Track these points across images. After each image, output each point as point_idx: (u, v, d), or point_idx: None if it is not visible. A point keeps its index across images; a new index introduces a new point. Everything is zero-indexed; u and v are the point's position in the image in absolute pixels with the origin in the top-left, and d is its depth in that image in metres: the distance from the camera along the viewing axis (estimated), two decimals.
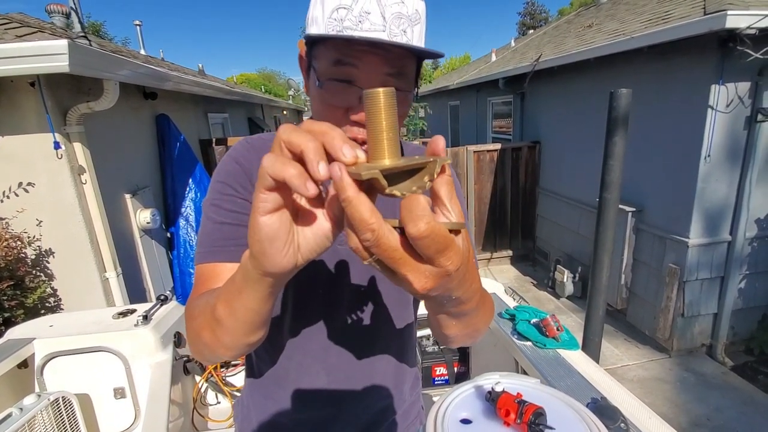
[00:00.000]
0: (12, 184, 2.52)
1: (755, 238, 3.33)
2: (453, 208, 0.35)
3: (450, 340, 0.57)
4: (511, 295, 1.94)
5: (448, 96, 9.81)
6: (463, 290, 0.38)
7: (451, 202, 0.35)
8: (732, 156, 3.15)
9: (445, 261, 0.32)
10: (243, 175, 0.65)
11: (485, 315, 0.54)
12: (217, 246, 0.61)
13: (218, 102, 6.15)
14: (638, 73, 3.70)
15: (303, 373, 0.72)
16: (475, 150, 5.47)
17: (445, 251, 0.31)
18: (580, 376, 1.23)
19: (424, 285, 0.33)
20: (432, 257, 0.31)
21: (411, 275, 0.32)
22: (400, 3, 0.55)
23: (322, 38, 0.56)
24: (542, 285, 5.26)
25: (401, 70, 0.57)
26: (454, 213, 0.35)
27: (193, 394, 1.89)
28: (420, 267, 0.32)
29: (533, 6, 34.16)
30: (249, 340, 0.48)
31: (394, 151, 0.34)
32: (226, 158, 0.69)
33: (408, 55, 0.57)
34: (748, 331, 3.53)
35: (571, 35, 5.86)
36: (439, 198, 0.35)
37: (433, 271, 0.32)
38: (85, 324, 1.69)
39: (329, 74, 0.56)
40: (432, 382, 2.04)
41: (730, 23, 2.59)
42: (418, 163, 0.33)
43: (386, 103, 0.33)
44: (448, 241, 0.31)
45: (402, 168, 0.33)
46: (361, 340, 0.73)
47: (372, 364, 0.74)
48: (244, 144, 0.70)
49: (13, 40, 2.28)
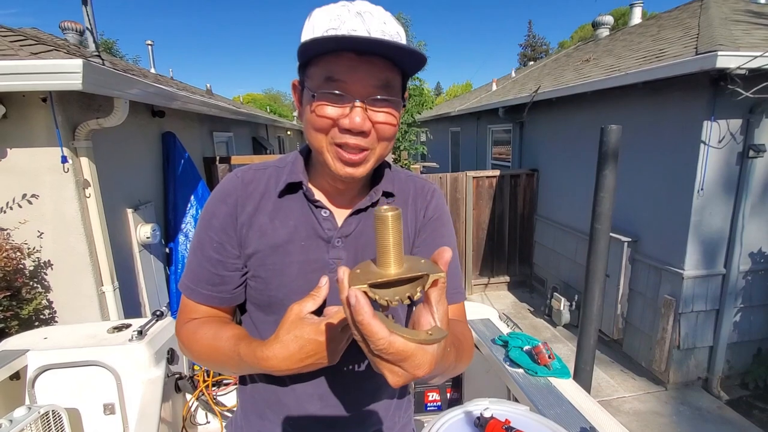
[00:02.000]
0: (16, 196, 2.55)
1: (749, 271, 3.35)
2: (438, 312, 0.41)
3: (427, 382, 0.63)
4: (505, 321, 1.95)
5: (450, 122, 10.00)
6: (437, 378, 0.49)
7: (438, 305, 0.41)
8: (725, 190, 3.22)
9: (409, 368, 0.39)
10: (228, 218, 0.71)
11: (461, 364, 0.61)
12: (200, 287, 0.73)
13: (224, 121, 6.27)
14: (633, 107, 3.81)
15: (297, 398, 0.74)
16: (475, 176, 5.55)
17: (406, 361, 0.38)
18: (570, 405, 1.23)
19: (395, 381, 0.40)
20: (395, 364, 0.39)
21: (385, 372, 0.40)
22: (383, 23, 0.60)
23: (313, 54, 0.60)
24: (539, 312, 5.24)
25: (387, 82, 0.61)
26: (439, 317, 0.41)
27: (183, 412, 1.87)
28: (393, 368, 0.39)
29: (534, 38, 35.19)
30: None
31: (399, 261, 0.41)
32: (217, 196, 0.73)
33: (392, 68, 0.61)
34: (744, 364, 3.51)
35: (569, 68, 6.03)
36: (429, 300, 0.41)
37: (404, 374, 0.39)
38: (80, 337, 1.69)
39: (321, 91, 0.60)
40: (424, 408, 2.02)
41: (721, 63, 2.70)
42: (414, 276, 0.40)
43: (394, 223, 0.40)
44: (406, 354, 0.38)
45: (399, 279, 0.40)
46: (354, 366, 0.74)
47: (365, 390, 0.76)
48: (234, 180, 0.74)
49: (29, 57, 2.37)
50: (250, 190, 0.72)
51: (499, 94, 7.60)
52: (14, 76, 2.20)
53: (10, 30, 3.03)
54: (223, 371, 0.54)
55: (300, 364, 0.56)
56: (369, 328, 0.36)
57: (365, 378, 0.75)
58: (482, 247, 5.83)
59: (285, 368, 0.56)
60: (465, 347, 0.61)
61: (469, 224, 5.66)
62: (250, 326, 0.76)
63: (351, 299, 0.37)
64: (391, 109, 0.62)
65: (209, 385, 1.91)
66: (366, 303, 0.37)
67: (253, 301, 0.74)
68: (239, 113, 6.43)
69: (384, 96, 0.61)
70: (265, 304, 0.72)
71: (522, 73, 9.47)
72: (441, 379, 0.62)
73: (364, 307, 0.37)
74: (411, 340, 0.38)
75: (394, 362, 0.38)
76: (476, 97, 9.77)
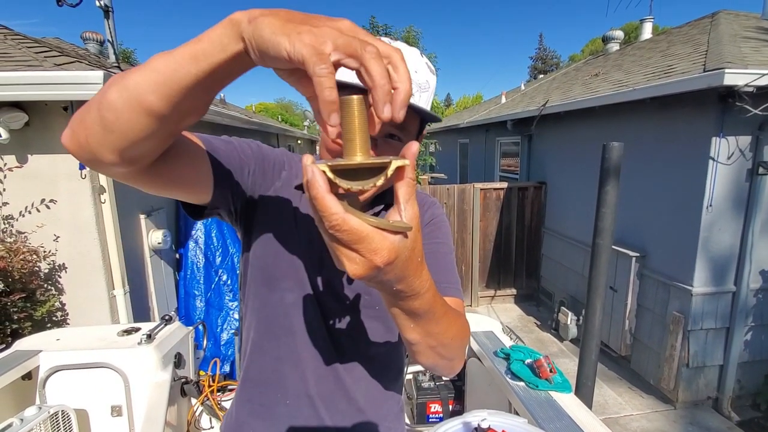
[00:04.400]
0: (35, 200, 2.64)
1: (760, 289, 3.30)
2: (406, 210, 0.39)
3: (415, 349, 0.58)
4: (508, 334, 1.95)
5: (458, 134, 10.05)
6: (404, 285, 0.43)
7: (406, 204, 0.40)
8: (734, 207, 3.19)
9: (365, 252, 0.37)
10: (277, 164, 0.77)
11: (449, 327, 0.56)
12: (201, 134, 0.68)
13: (236, 130, 6.39)
14: (642, 122, 3.81)
15: (291, 405, 0.76)
16: (482, 188, 5.56)
17: (361, 242, 0.36)
18: (569, 419, 1.24)
19: (354, 271, 0.38)
20: (350, 247, 0.37)
21: (344, 259, 0.38)
22: (414, 72, 0.65)
23: (346, 84, 0.63)
24: (546, 326, 5.19)
25: (404, 124, 0.66)
26: (406, 215, 0.39)
27: (188, 416, 1.90)
28: (349, 253, 0.37)
29: (545, 51, 35.29)
30: (142, 125, 0.44)
31: (365, 149, 0.38)
32: (282, 150, 0.81)
33: (411, 114, 0.66)
34: (755, 385, 3.44)
35: (578, 83, 6.06)
36: (396, 198, 0.40)
37: (362, 260, 0.37)
38: (91, 339, 1.74)
39: None
40: (426, 419, 2.02)
41: (728, 81, 2.70)
42: (378, 163, 0.38)
43: (359, 108, 0.38)
44: (361, 234, 0.36)
45: (361, 166, 0.37)
46: (344, 368, 0.77)
47: (356, 393, 0.78)
48: (291, 155, 0.82)
49: (52, 68, 2.47)
50: (294, 169, 0.79)
51: (508, 107, 7.64)
52: (39, 86, 2.30)
53: (35, 41, 3.16)
54: (109, 99, 0.44)
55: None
56: (323, 202, 0.35)
57: (355, 381, 0.78)
58: (489, 258, 5.81)
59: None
60: (451, 311, 0.58)
61: (476, 236, 5.66)
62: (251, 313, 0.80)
63: (308, 174, 0.36)
64: (400, 149, 0.67)
65: (214, 390, 1.94)
66: (323, 180, 0.36)
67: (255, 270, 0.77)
68: (251, 123, 6.56)
69: (397, 134, 0.67)
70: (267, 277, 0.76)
71: (531, 86, 9.51)
72: (440, 359, 0.60)
73: (319, 181, 0.35)
74: (368, 222, 0.36)
75: (349, 244, 0.37)
76: (485, 109, 9.83)
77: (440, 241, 0.79)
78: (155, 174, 0.55)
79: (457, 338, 0.60)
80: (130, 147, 0.47)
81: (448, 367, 0.65)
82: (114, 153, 0.47)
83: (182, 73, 0.42)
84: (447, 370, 0.66)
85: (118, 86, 0.44)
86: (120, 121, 0.44)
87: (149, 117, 0.44)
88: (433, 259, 0.73)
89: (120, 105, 0.44)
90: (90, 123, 0.46)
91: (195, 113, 0.48)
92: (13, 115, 2.43)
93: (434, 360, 0.60)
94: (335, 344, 0.76)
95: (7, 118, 2.42)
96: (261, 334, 0.77)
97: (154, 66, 0.43)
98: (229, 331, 3.73)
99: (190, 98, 0.44)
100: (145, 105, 0.43)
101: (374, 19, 9.20)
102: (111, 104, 0.44)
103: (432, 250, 0.74)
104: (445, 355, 0.60)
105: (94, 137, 0.46)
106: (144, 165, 0.52)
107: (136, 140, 0.46)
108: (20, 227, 2.64)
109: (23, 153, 2.60)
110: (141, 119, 0.44)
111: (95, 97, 0.47)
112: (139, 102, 0.43)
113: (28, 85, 2.29)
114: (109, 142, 0.46)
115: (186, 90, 0.43)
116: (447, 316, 0.56)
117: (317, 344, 0.75)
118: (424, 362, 0.62)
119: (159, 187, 0.58)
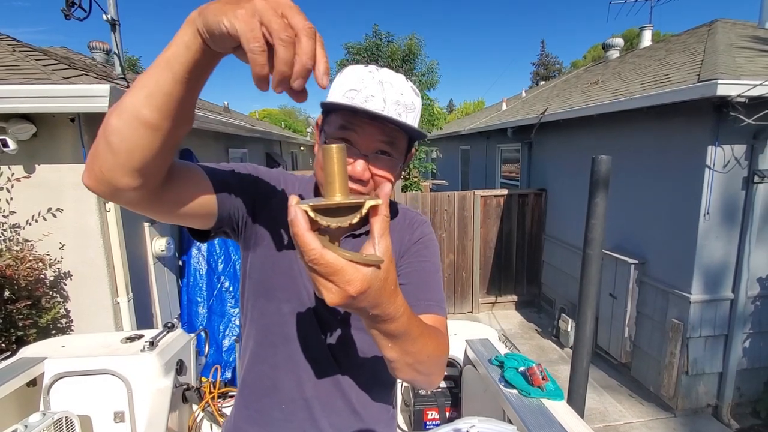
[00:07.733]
0: (42, 209, 2.70)
1: (758, 296, 3.31)
2: (379, 244, 0.44)
3: (393, 366, 0.62)
4: (503, 342, 1.98)
5: (460, 141, 10.10)
6: (379, 310, 0.48)
7: (380, 238, 0.45)
8: (731, 215, 3.21)
9: (340, 282, 0.42)
10: (272, 185, 0.80)
11: (425, 346, 0.60)
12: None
13: (239, 138, 6.47)
14: (639, 131, 3.85)
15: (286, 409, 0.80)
16: (482, 194, 5.60)
17: (336, 275, 0.41)
18: (560, 427, 1.26)
19: (330, 299, 0.43)
20: (327, 278, 0.42)
21: (321, 289, 0.43)
22: (400, 94, 0.71)
23: (334, 107, 0.71)
24: (546, 333, 5.19)
25: (393, 141, 0.72)
26: (379, 249, 0.44)
27: (189, 422, 1.93)
28: (325, 283, 0.42)
29: (547, 57, 35.39)
30: (143, 139, 0.50)
31: (344, 190, 0.43)
32: (278, 171, 0.85)
33: (399, 131, 0.72)
34: (755, 392, 3.44)
35: (577, 90, 6.11)
36: (372, 233, 0.45)
37: (337, 290, 0.42)
38: (95, 346, 1.77)
39: (335, 135, 0.71)
40: (423, 426, 2.04)
41: (721, 91, 2.74)
42: (354, 203, 0.43)
43: (338, 156, 0.43)
44: (336, 267, 0.41)
45: (339, 205, 0.43)
46: (339, 373, 0.80)
47: (351, 396, 0.81)
48: (287, 174, 0.86)
49: (60, 81, 2.54)
50: (289, 188, 0.83)
51: (509, 114, 7.69)
52: (47, 99, 2.37)
53: (43, 52, 3.24)
54: (113, 122, 0.50)
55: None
56: (303, 239, 0.40)
57: (347, 388, 0.81)
58: (490, 265, 5.83)
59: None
60: (431, 331, 0.62)
61: (477, 242, 5.68)
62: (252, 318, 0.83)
63: (291, 214, 0.41)
64: (389, 164, 0.73)
65: (215, 397, 1.98)
66: (303, 219, 0.41)
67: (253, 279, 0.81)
68: (254, 131, 6.63)
69: (386, 151, 0.72)
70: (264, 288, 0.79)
71: (532, 93, 9.57)
72: (417, 375, 0.63)
73: (300, 221, 0.41)
74: (343, 256, 0.41)
75: (326, 275, 0.41)
76: (486, 116, 9.89)
77: (427, 260, 0.82)
78: (165, 200, 0.61)
79: (434, 356, 0.63)
80: (138, 164, 0.52)
81: (427, 381, 0.68)
82: (126, 174, 0.52)
83: (162, 80, 0.48)
84: (426, 385, 0.69)
85: (116, 112, 0.50)
86: (124, 141, 0.50)
87: (147, 129, 0.50)
88: (419, 277, 0.77)
89: (121, 126, 0.50)
90: (100, 152, 0.52)
91: (185, 120, 0.53)
92: (22, 127, 2.50)
93: (412, 375, 0.64)
94: (331, 352, 0.79)
95: (16, 129, 2.48)
96: (259, 342, 0.81)
97: (140, 84, 0.49)
98: (230, 337, 3.77)
99: (178, 102, 0.49)
100: (141, 119, 0.49)
101: (377, 27, 9.34)
102: (113, 128, 0.50)
103: (418, 269, 0.78)
104: (422, 371, 0.63)
105: (106, 164, 0.52)
106: (154, 185, 0.57)
107: (141, 157, 0.51)
108: (27, 235, 2.70)
109: (31, 163, 2.67)
110: (141, 133, 0.50)
111: (99, 131, 0.53)
112: (136, 118, 0.49)
113: (37, 98, 2.36)
114: (119, 165, 0.52)
115: (171, 96, 0.48)
116: (423, 335, 0.59)
117: (313, 352, 0.79)
118: (403, 377, 0.65)
119: (167, 212, 0.64)
